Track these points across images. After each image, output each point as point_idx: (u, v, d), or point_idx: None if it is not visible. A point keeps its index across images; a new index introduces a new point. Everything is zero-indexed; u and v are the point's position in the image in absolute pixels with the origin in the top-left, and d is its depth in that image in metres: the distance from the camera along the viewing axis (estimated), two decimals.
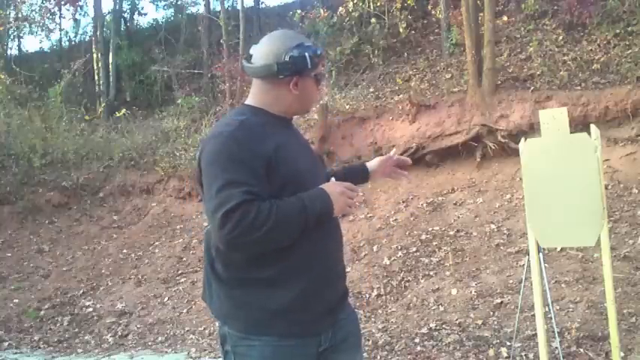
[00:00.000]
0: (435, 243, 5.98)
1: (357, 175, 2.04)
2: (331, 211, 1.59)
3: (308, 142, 1.93)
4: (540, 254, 2.95)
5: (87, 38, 15.26)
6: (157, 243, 7.83)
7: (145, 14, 26.92)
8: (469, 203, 6.55)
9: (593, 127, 2.89)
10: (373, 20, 10.42)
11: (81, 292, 6.85)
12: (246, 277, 1.59)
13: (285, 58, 1.61)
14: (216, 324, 1.73)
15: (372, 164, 2.11)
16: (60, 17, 15.01)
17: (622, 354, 3.18)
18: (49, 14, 14.45)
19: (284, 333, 1.58)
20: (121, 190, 9.26)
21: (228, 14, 12.63)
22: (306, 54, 1.63)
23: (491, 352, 3.90)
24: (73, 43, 15.62)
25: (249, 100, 1.72)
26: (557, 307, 4.22)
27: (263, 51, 1.65)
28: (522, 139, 3.05)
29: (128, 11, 15.42)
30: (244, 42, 10.91)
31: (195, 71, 12.42)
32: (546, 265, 3.80)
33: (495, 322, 4.37)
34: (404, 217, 6.63)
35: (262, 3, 15.51)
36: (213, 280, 1.66)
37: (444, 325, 4.49)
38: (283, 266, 1.58)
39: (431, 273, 5.48)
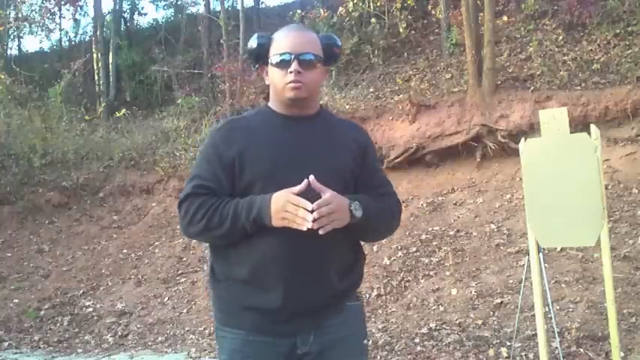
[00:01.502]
0: (435, 243, 5.98)
1: None
2: (267, 221, 1.51)
3: (338, 145, 1.69)
4: (540, 254, 2.95)
5: (87, 38, 15.27)
6: (157, 243, 7.83)
7: (145, 14, 26.99)
8: (469, 203, 6.55)
9: (593, 127, 2.89)
10: (373, 20, 10.42)
11: (81, 292, 6.85)
12: (227, 274, 1.65)
13: None
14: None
15: None
16: (60, 17, 15.04)
17: (622, 354, 3.18)
18: (49, 14, 14.45)
19: (254, 328, 1.60)
20: (121, 190, 9.26)
21: (228, 14, 12.63)
22: (252, 44, 1.69)
23: (491, 352, 3.90)
24: (73, 43, 15.62)
25: None
26: (557, 307, 4.22)
27: None
28: (522, 139, 3.06)
29: (128, 11, 15.43)
30: (244, 42, 10.90)
31: (195, 71, 12.41)
32: (546, 265, 3.80)
33: (495, 322, 4.37)
34: (404, 217, 6.63)
35: (262, 3, 15.54)
36: (209, 275, 1.73)
37: (444, 325, 4.49)
38: (253, 267, 1.58)
39: (431, 273, 5.48)
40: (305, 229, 1.46)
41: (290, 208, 1.47)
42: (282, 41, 1.64)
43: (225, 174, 1.60)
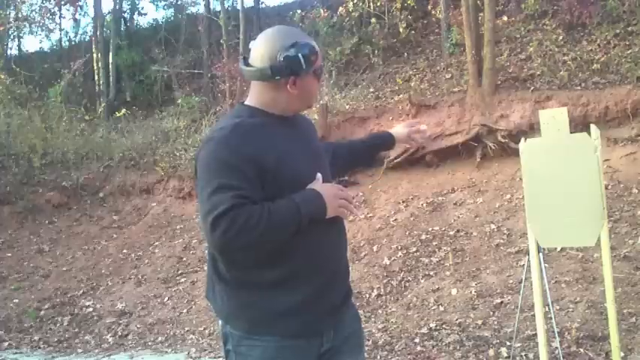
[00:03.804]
0: (435, 243, 5.97)
1: (382, 141, 2.16)
2: (324, 213, 1.57)
3: (312, 134, 1.85)
4: (540, 254, 2.95)
5: (87, 38, 15.26)
6: (157, 243, 7.83)
7: (145, 14, 26.94)
8: (469, 203, 6.55)
9: (593, 127, 2.89)
10: (373, 20, 10.42)
11: (81, 292, 6.85)
12: (250, 279, 1.59)
13: (280, 59, 1.56)
14: (217, 323, 1.74)
15: (397, 131, 2.18)
16: (60, 17, 15.04)
17: (622, 354, 3.17)
18: (49, 14, 14.46)
19: (287, 333, 1.58)
20: (121, 190, 9.26)
21: (228, 14, 12.63)
22: (300, 54, 1.56)
23: (491, 352, 3.89)
24: (73, 43, 15.60)
25: (248, 100, 1.69)
26: (557, 307, 4.22)
27: (258, 52, 1.61)
28: (522, 139, 3.05)
29: (128, 11, 15.41)
30: (244, 42, 10.91)
31: (195, 71, 12.42)
32: (546, 265, 3.80)
33: (495, 322, 4.37)
34: (404, 217, 6.63)
35: (262, 3, 15.49)
36: (216, 280, 1.65)
37: (444, 325, 4.49)
38: (286, 269, 1.57)
39: (431, 273, 5.48)
40: (356, 217, 1.68)
41: (344, 195, 1.63)
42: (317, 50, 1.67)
43: (257, 177, 1.52)
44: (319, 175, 1.63)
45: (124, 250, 7.80)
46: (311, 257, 1.60)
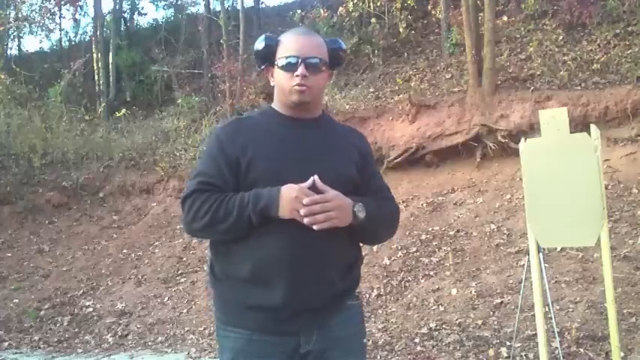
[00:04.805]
0: (435, 243, 5.98)
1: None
2: (274, 211, 1.53)
3: (342, 145, 1.73)
4: (540, 254, 2.95)
5: (87, 38, 15.28)
6: (156, 243, 7.83)
7: (145, 14, 27.02)
8: (469, 203, 6.55)
9: (593, 127, 2.89)
10: (373, 20, 10.43)
11: (81, 292, 6.85)
12: (228, 273, 1.64)
13: None
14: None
15: None
16: (60, 17, 15.07)
17: (622, 354, 3.17)
18: (49, 14, 14.47)
19: (258, 327, 1.60)
20: (121, 190, 9.26)
21: (228, 14, 12.63)
22: (255, 47, 1.71)
23: (491, 352, 3.89)
24: (73, 43, 15.62)
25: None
26: (557, 307, 4.22)
27: None
28: (522, 139, 3.05)
29: (128, 11, 15.44)
30: (244, 42, 10.91)
31: (195, 71, 12.42)
32: (546, 265, 3.79)
33: (495, 322, 4.37)
34: (404, 217, 6.63)
35: (262, 3, 15.54)
36: (210, 274, 1.72)
37: (444, 325, 4.49)
38: (261, 264, 1.58)
39: (431, 273, 5.48)
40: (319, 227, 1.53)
41: (307, 202, 1.52)
42: (290, 44, 1.64)
43: (230, 171, 1.60)
44: (314, 178, 1.55)
45: (124, 250, 7.80)
46: (282, 255, 1.56)
